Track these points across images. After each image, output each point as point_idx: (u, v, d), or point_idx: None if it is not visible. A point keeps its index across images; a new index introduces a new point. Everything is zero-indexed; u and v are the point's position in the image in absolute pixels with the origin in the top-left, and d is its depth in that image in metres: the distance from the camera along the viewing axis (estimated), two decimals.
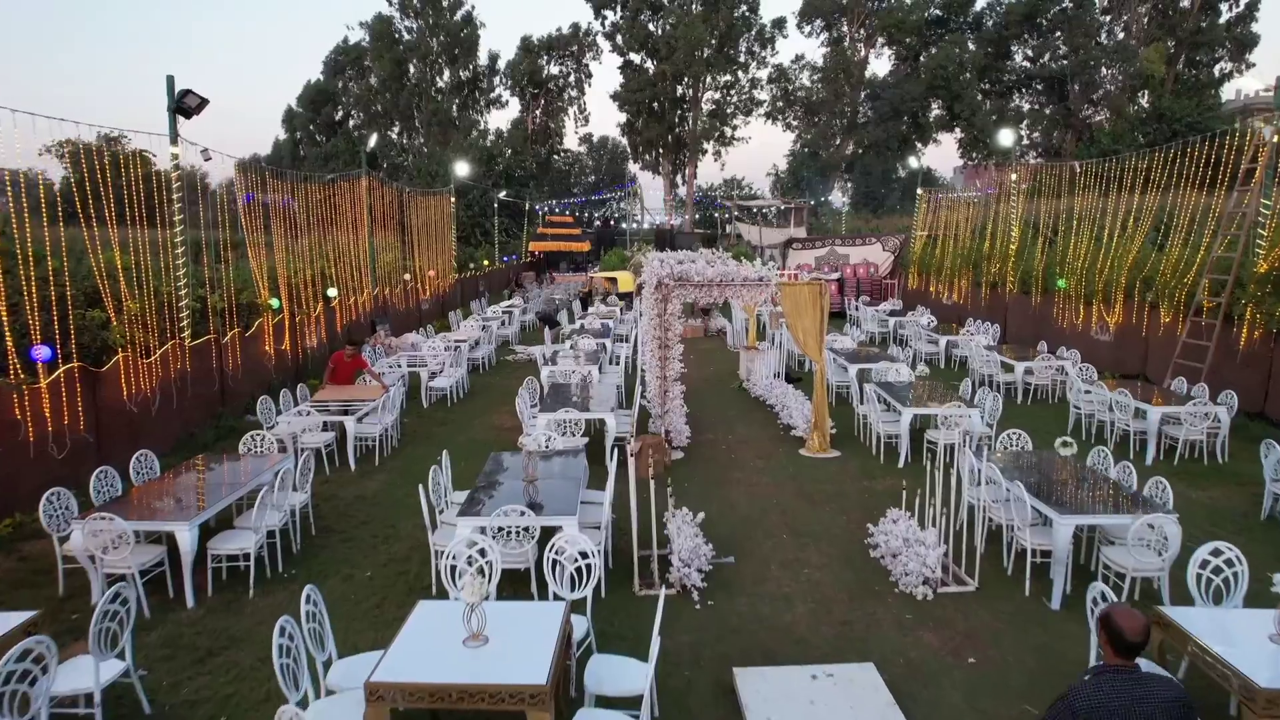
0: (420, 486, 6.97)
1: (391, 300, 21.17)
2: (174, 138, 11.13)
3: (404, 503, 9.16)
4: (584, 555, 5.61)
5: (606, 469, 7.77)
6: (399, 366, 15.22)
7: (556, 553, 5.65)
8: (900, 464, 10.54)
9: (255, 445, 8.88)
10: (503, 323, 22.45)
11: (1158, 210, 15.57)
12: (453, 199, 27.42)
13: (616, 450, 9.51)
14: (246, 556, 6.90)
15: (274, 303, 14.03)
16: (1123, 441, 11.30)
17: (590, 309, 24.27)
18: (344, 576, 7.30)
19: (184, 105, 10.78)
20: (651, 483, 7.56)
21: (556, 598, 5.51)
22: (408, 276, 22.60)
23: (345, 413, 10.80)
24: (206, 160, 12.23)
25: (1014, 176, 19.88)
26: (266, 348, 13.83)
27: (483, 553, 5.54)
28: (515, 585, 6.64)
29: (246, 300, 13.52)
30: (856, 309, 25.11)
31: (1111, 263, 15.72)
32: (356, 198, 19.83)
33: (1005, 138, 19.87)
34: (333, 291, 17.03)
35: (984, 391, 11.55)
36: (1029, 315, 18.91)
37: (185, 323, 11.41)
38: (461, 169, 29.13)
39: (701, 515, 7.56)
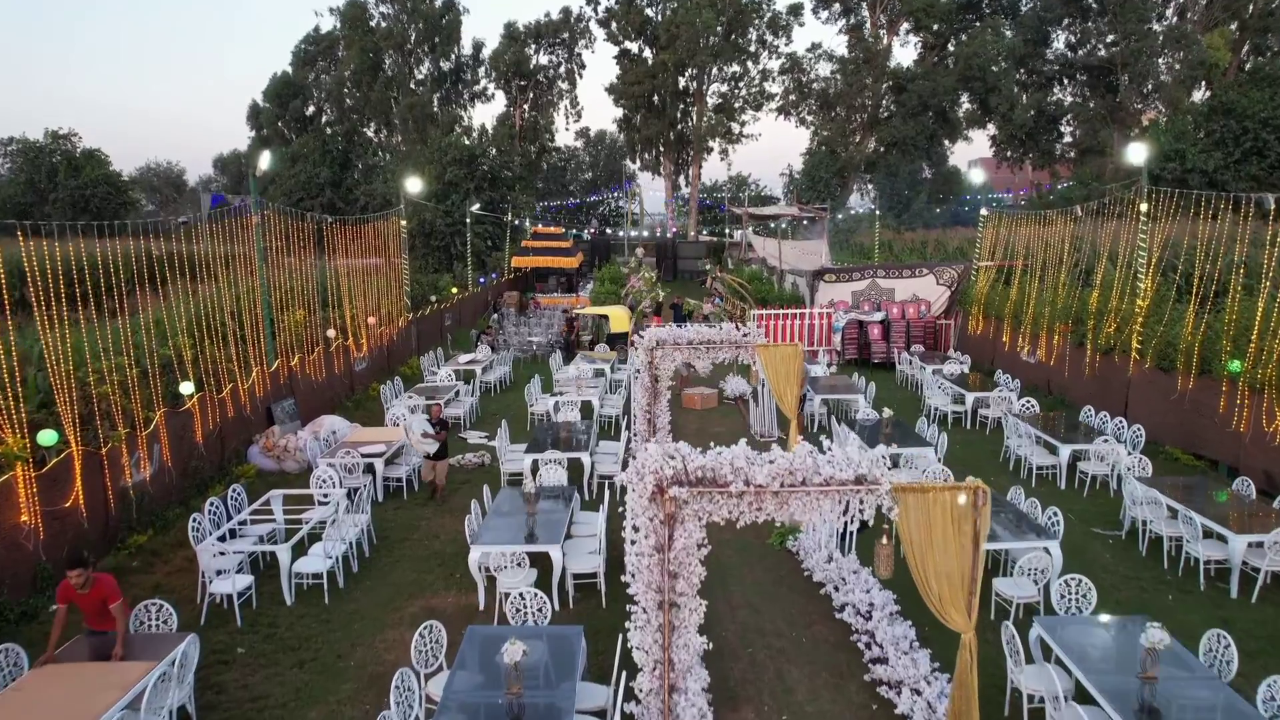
0: None
1: (305, 370, 15.87)
2: None
3: None
4: None
5: None
6: (255, 523, 9.94)
7: None
8: None
9: None
10: (456, 393, 17.15)
11: None
12: (404, 222, 22.10)
13: None
14: None
15: (46, 438, 8.75)
16: None
17: (573, 365, 18.95)
18: None
19: None
20: None
21: None
22: (332, 333, 17.29)
23: None
24: None
25: (1144, 207, 14.52)
26: (24, 519, 8.54)
27: None
28: None
29: None
30: (910, 363, 19.80)
31: None
32: (245, 238, 14.53)
33: (1136, 153, 14.47)
34: (188, 387, 11.74)
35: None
36: (1171, 404, 13.58)
37: None
38: (414, 185, 23.78)
39: None
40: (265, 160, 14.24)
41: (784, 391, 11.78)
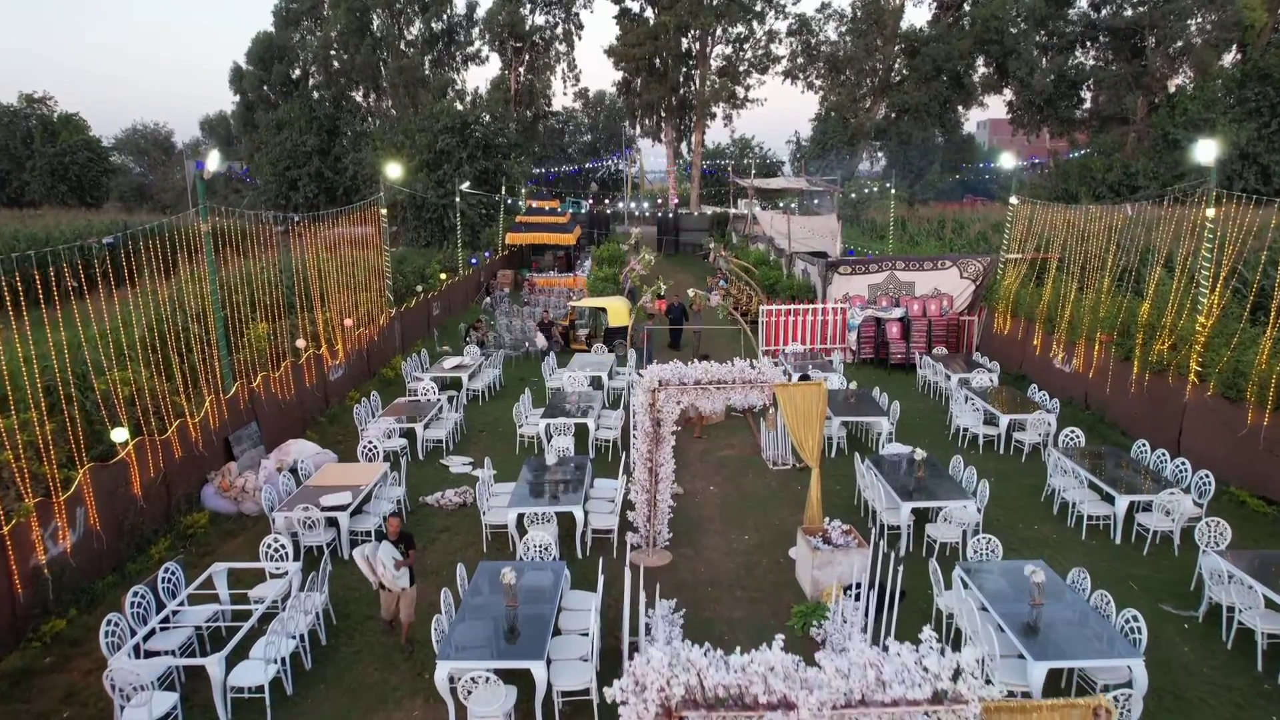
0: None
1: (270, 389, 14.33)
2: None
3: None
4: None
5: None
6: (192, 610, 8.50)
7: None
8: None
9: None
10: (439, 409, 15.63)
11: None
12: (383, 210, 20.34)
13: None
14: None
15: None
16: None
17: (567, 373, 17.39)
18: None
19: None
20: None
21: None
22: (301, 343, 15.72)
23: None
24: None
25: (1209, 213, 12.84)
26: None
27: None
28: None
29: None
30: (934, 369, 18.24)
31: None
32: (195, 244, 12.89)
33: (1205, 152, 12.75)
34: (121, 434, 10.22)
35: None
36: (1238, 439, 12.04)
37: None
38: (394, 171, 21.98)
39: None
40: (214, 160, 12.54)
41: (804, 437, 10.30)
